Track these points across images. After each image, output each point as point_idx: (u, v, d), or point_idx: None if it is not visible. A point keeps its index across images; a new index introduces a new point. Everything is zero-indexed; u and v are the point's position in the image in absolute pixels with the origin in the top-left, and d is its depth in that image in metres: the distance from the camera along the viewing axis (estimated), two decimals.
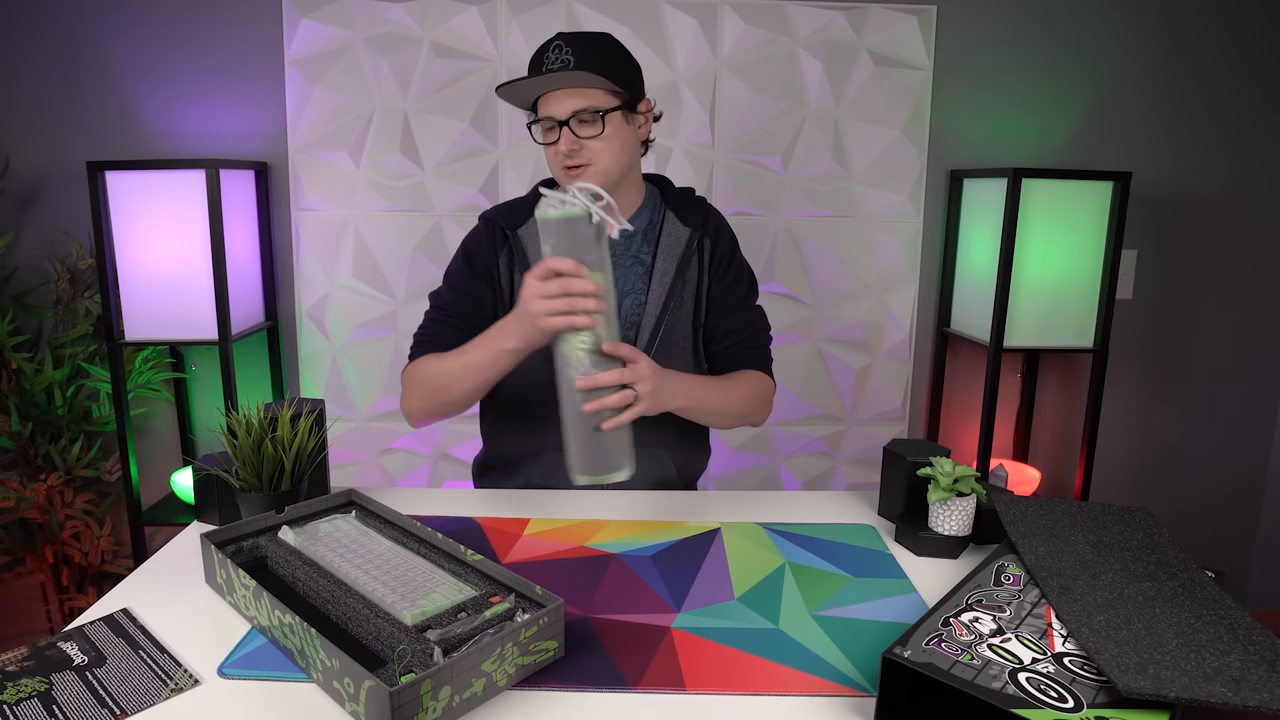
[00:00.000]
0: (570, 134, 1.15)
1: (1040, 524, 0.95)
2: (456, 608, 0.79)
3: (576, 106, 1.14)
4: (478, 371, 1.10)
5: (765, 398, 1.29)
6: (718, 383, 1.22)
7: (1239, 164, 2.12)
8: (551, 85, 1.14)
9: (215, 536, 0.92)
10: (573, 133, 1.15)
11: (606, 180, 1.20)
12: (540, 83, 1.13)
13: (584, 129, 1.16)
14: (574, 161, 1.17)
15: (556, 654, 0.77)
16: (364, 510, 1.03)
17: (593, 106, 1.14)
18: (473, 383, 1.12)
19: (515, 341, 1.04)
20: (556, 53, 1.13)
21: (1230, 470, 2.27)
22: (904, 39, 2.01)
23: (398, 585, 0.83)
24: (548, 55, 1.14)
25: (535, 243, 1.25)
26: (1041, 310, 1.89)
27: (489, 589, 0.83)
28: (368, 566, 0.87)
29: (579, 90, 1.14)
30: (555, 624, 0.76)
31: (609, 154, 1.17)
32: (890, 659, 0.68)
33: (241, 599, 0.84)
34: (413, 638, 0.75)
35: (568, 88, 1.14)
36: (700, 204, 1.32)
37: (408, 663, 0.73)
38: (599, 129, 1.15)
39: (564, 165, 1.18)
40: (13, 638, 2.13)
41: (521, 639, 0.73)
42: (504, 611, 0.79)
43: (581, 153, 1.16)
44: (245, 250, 1.91)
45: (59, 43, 1.94)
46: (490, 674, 0.71)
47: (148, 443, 2.12)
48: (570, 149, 1.16)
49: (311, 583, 0.87)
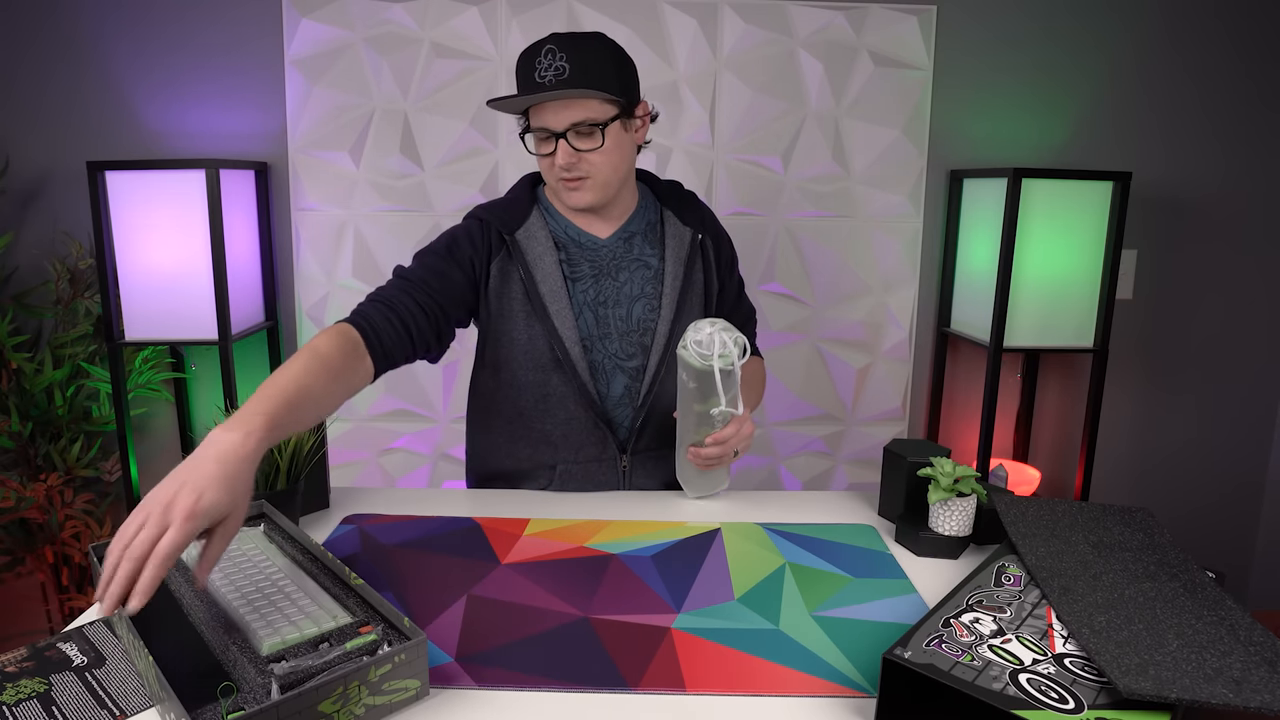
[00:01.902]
0: (568, 147, 1.11)
1: (1040, 524, 0.95)
2: (320, 637, 0.72)
3: (574, 119, 1.10)
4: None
5: (761, 376, 1.42)
6: (753, 385, 1.33)
7: (1238, 163, 2.12)
8: (547, 99, 1.09)
9: (105, 548, 0.87)
10: (570, 145, 1.12)
11: (606, 192, 1.17)
12: (535, 98, 1.09)
13: (582, 141, 1.12)
14: (572, 175, 1.14)
15: (420, 694, 0.71)
16: (271, 523, 0.97)
17: (590, 119, 1.10)
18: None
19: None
20: (549, 58, 1.08)
21: (1231, 470, 2.27)
22: (904, 39, 2.01)
23: (270, 609, 0.77)
24: (540, 61, 1.09)
25: (535, 248, 1.20)
26: (1041, 310, 1.89)
27: (364, 617, 0.76)
28: (248, 588, 0.81)
29: (576, 102, 1.10)
30: (415, 661, 0.70)
31: (608, 166, 1.15)
32: (890, 660, 0.68)
33: (114, 618, 0.78)
34: (260, 669, 0.69)
35: (566, 100, 1.10)
36: (694, 201, 1.32)
37: (234, 700, 0.67)
38: (598, 141, 1.12)
39: (561, 177, 1.15)
40: (13, 638, 2.13)
41: (371, 677, 0.67)
42: (367, 644, 0.72)
43: (579, 166, 1.13)
44: (245, 250, 1.91)
45: (59, 43, 1.94)
46: (332, 715, 0.65)
47: (148, 443, 2.12)
48: (568, 163, 1.12)
49: (193, 602, 0.82)
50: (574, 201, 1.17)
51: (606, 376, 1.22)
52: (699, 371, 1.08)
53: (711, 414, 1.09)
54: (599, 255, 1.22)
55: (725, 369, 1.07)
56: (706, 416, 1.11)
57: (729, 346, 1.07)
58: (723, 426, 1.12)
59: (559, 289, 1.18)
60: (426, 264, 1.16)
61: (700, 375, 1.08)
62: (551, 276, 1.19)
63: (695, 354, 1.07)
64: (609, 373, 1.22)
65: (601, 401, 1.22)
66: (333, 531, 1.06)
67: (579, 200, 1.17)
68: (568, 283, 1.20)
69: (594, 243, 1.23)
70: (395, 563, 0.97)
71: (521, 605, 0.88)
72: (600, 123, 1.11)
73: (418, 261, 1.18)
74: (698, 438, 1.13)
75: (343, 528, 1.08)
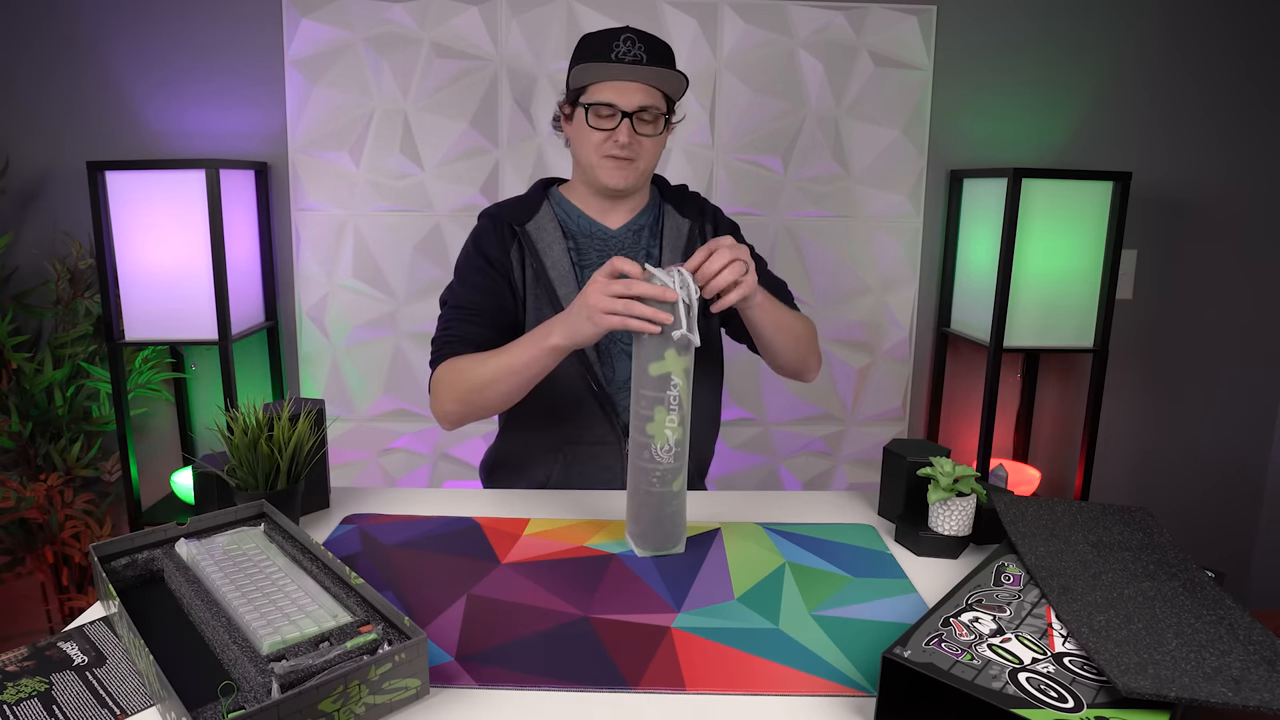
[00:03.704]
0: (630, 127, 1.18)
1: (1040, 524, 0.95)
2: (320, 636, 0.72)
3: (644, 102, 1.18)
4: (517, 371, 1.09)
5: (815, 335, 1.28)
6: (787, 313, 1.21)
7: (1239, 163, 2.12)
8: (632, 77, 1.17)
9: (107, 548, 0.87)
10: (632, 127, 1.18)
11: (643, 178, 1.24)
12: (622, 70, 1.16)
13: (643, 126, 1.20)
14: (626, 154, 1.19)
15: (420, 693, 0.71)
16: (272, 523, 0.98)
17: (656, 106, 1.19)
18: (512, 383, 1.11)
19: (561, 338, 1.03)
20: (628, 45, 1.16)
21: (1230, 470, 2.27)
22: (904, 39, 2.01)
23: (271, 608, 0.77)
24: (618, 45, 1.16)
25: (544, 238, 1.25)
26: (1041, 310, 1.89)
27: (364, 616, 0.76)
28: (249, 587, 0.81)
29: (647, 88, 1.18)
30: (415, 661, 0.70)
31: (653, 155, 1.23)
32: (890, 659, 0.68)
33: (115, 617, 0.79)
34: (260, 668, 0.69)
35: (643, 82, 1.17)
36: (695, 198, 1.36)
37: (234, 699, 0.67)
38: (658, 128, 1.21)
39: (612, 155, 1.20)
40: (13, 638, 2.13)
41: (372, 676, 0.67)
42: (367, 643, 0.72)
43: (633, 147, 1.19)
44: (245, 250, 1.91)
45: (59, 43, 1.94)
46: (332, 714, 0.65)
47: (148, 443, 2.12)
48: (629, 140, 1.18)
49: (193, 602, 0.81)
50: (615, 180, 1.22)
51: (612, 360, 1.27)
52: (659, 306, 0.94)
53: (673, 336, 0.95)
54: (608, 245, 1.28)
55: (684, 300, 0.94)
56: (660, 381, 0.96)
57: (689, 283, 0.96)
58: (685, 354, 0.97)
59: (567, 274, 1.24)
60: (473, 283, 1.25)
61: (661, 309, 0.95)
62: (560, 263, 1.24)
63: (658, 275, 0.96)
64: (614, 356, 1.27)
65: (607, 384, 1.26)
66: (333, 531, 1.07)
67: (621, 180, 1.22)
68: (576, 269, 1.25)
69: (604, 233, 1.28)
70: (395, 562, 0.98)
71: (521, 605, 0.88)
72: (661, 112, 1.20)
73: (462, 283, 1.26)
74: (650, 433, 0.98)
75: (343, 527, 1.08)
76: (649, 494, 0.98)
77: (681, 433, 0.97)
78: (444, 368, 1.19)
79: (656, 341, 0.94)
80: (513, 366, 1.09)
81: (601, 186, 1.24)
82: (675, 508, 0.99)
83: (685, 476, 0.99)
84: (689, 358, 0.96)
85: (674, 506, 0.99)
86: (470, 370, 1.14)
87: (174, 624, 0.81)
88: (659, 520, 0.99)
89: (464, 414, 1.18)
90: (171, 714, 0.65)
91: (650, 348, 0.95)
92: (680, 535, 1.01)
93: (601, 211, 1.28)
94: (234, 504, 1.05)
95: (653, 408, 0.95)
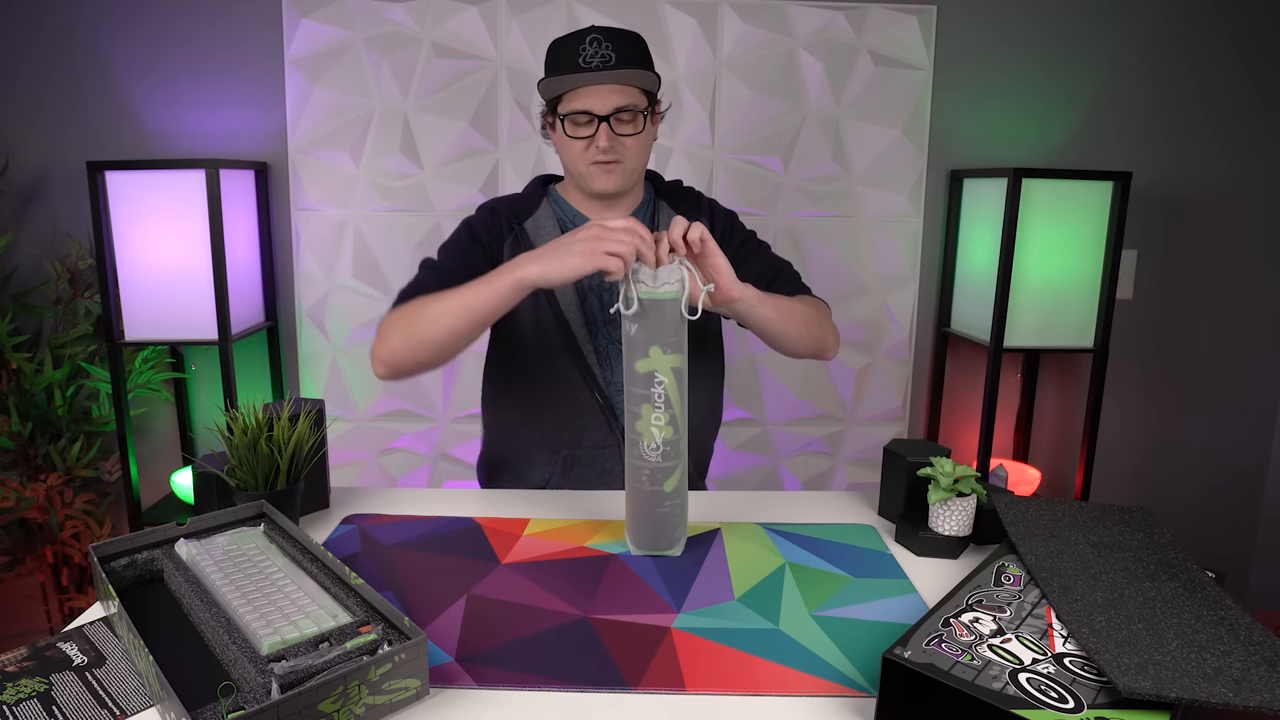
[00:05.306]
0: (609, 130, 1.17)
1: (1040, 524, 0.95)
2: (320, 636, 0.72)
3: (619, 104, 1.16)
4: (472, 307, 1.03)
5: (825, 314, 1.25)
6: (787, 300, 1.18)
7: (1239, 164, 2.12)
8: (601, 81, 1.15)
9: (106, 548, 0.87)
10: (611, 129, 1.17)
11: (633, 178, 1.23)
12: (590, 78, 1.15)
13: (622, 127, 1.18)
14: (610, 158, 1.19)
15: (420, 693, 0.71)
16: (271, 523, 0.97)
17: (633, 105, 1.17)
18: (464, 319, 1.04)
19: (533, 271, 0.97)
20: (595, 46, 1.15)
21: (1231, 470, 2.27)
22: (904, 39, 2.01)
23: (271, 609, 0.76)
24: (584, 48, 1.15)
25: (544, 236, 1.25)
26: (1041, 310, 1.89)
27: (364, 616, 0.76)
28: (248, 587, 0.81)
29: (621, 88, 1.16)
30: (415, 661, 0.70)
31: (640, 153, 1.22)
32: (890, 659, 0.68)
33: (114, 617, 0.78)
34: (260, 668, 0.69)
35: (615, 84, 1.16)
36: (689, 192, 1.36)
37: (234, 700, 0.67)
38: (638, 127, 1.19)
39: (597, 160, 1.19)
40: (13, 638, 2.13)
41: (371, 677, 0.67)
42: (367, 643, 0.72)
43: (616, 149, 1.18)
44: (245, 250, 1.91)
45: (59, 43, 1.94)
46: (332, 715, 0.65)
47: (148, 443, 2.12)
48: (610, 144, 1.17)
49: (193, 602, 0.81)
50: (604, 185, 1.21)
51: (610, 361, 1.26)
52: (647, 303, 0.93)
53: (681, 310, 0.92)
54: None
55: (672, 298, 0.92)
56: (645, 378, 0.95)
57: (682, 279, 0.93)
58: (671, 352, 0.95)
59: None
60: (452, 253, 1.24)
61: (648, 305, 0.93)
62: None
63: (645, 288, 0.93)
64: (612, 358, 1.26)
65: (606, 386, 1.26)
66: (333, 531, 1.07)
67: (609, 183, 1.21)
68: None
69: None
70: (395, 563, 0.97)
71: (521, 605, 0.88)
72: (640, 109, 1.18)
73: (443, 254, 1.25)
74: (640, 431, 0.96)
75: (343, 528, 1.08)
76: (639, 491, 0.97)
77: (671, 433, 0.95)
78: (397, 309, 1.14)
79: (643, 339, 0.93)
80: (468, 302, 1.03)
81: (592, 191, 1.24)
82: (668, 509, 0.98)
83: (681, 479, 0.98)
84: (677, 356, 0.94)
85: (666, 507, 0.98)
86: (423, 304, 1.08)
87: (174, 624, 0.81)
88: (650, 519, 0.98)
89: (404, 352, 1.10)
90: (171, 714, 0.65)
91: (637, 345, 0.94)
92: (676, 538, 0.99)
93: (596, 211, 1.28)
94: (234, 504, 1.05)
95: (640, 405, 0.95)
